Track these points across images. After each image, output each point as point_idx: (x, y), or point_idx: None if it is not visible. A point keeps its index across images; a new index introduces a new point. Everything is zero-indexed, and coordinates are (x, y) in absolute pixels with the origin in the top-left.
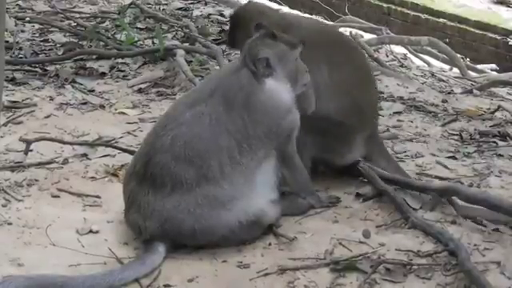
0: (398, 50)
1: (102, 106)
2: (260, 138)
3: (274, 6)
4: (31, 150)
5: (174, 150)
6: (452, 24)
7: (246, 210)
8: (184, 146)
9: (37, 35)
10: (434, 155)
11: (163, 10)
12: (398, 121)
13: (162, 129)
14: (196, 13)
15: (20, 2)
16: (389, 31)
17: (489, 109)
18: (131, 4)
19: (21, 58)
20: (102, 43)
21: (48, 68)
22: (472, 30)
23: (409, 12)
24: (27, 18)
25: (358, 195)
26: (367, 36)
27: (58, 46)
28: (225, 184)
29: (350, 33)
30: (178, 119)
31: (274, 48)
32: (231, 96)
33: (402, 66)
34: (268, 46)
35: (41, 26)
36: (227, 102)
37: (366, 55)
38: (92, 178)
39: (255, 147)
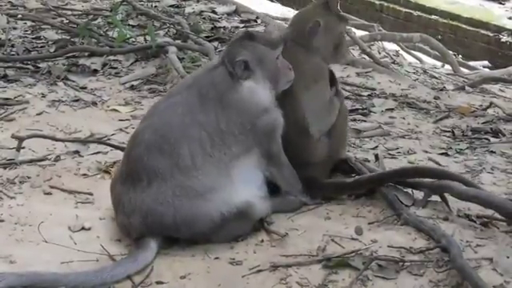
0: (390, 46)
1: (95, 103)
2: (234, 135)
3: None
4: (23, 147)
5: (146, 139)
6: (444, 21)
7: (227, 201)
8: (154, 133)
9: (29, 32)
10: (426, 152)
11: (155, 7)
12: (390, 117)
13: (140, 123)
14: (188, 10)
15: (12, 0)
16: (381, 28)
17: (481, 105)
18: (123, 1)
19: (13, 55)
20: (94, 40)
21: (40, 65)
22: (464, 26)
23: (401, 9)
24: (19, 16)
25: None
26: (359, 33)
27: (50, 43)
28: (199, 175)
29: None
30: (153, 111)
31: (252, 50)
32: (204, 91)
33: (394, 62)
34: (247, 48)
35: (33, 24)
36: (201, 95)
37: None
38: (84, 175)
39: (229, 142)
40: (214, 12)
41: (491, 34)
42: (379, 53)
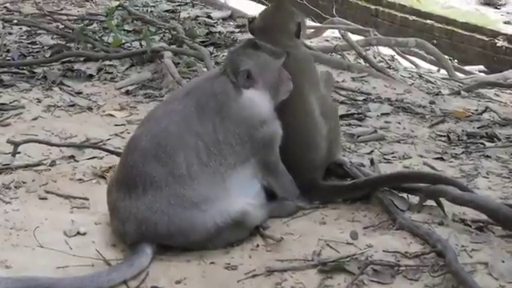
0: (386, 51)
1: (90, 108)
2: (231, 145)
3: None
4: (19, 152)
5: (142, 146)
6: (439, 25)
7: (222, 212)
8: (151, 140)
9: (24, 37)
10: (422, 156)
11: (151, 12)
12: (386, 122)
13: (137, 128)
14: (183, 15)
15: (7, 5)
16: (376, 33)
17: (476, 110)
18: (119, 6)
19: (8, 60)
20: (89, 45)
21: (36, 70)
22: (459, 31)
23: (396, 13)
24: (15, 21)
25: None
26: (355, 37)
27: (46, 48)
28: (193, 184)
29: (339, 32)
30: (150, 117)
31: (255, 59)
32: (204, 100)
33: (389, 67)
34: (250, 56)
35: (28, 29)
36: (199, 104)
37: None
38: (80, 179)
39: (225, 153)
40: (209, 17)
41: (487, 39)
42: (374, 57)
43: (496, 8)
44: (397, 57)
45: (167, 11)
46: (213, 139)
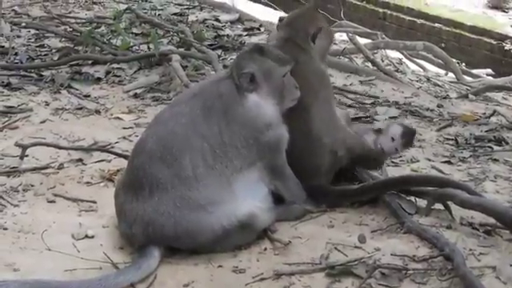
0: (394, 54)
1: (98, 111)
2: (237, 148)
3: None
4: (27, 155)
5: (148, 148)
6: (447, 29)
7: (228, 214)
8: (157, 142)
9: (32, 40)
10: (430, 160)
11: (159, 15)
12: None
13: (145, 131)
14: (191, 18)
15: (16, 8)
16: (384, 36)
17: (484, 113)
18: (127, 9)
19: (16, 63)
20: (97, 48)
21: (44, 73)
22: (467, 34)
23: (404, 17)
24: (23, 24)
25: None
26: (363, 41)
27: (54, 51)
28: (199, 186)
29: (347, 35)
30: (157, 119)
31: (260, 64)
32: (210, 102)
33: (397, 70)
34: (254, 61)
35: (36, 32)
36: (205, 106)
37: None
38: (87, 183)
39: (231, 155)
40: (217, 20)
41: (494, 42)
42: (382, 61)
43: (504, 11)
44: (405, 60)
45: (175, 14)
46: (218, 141)
